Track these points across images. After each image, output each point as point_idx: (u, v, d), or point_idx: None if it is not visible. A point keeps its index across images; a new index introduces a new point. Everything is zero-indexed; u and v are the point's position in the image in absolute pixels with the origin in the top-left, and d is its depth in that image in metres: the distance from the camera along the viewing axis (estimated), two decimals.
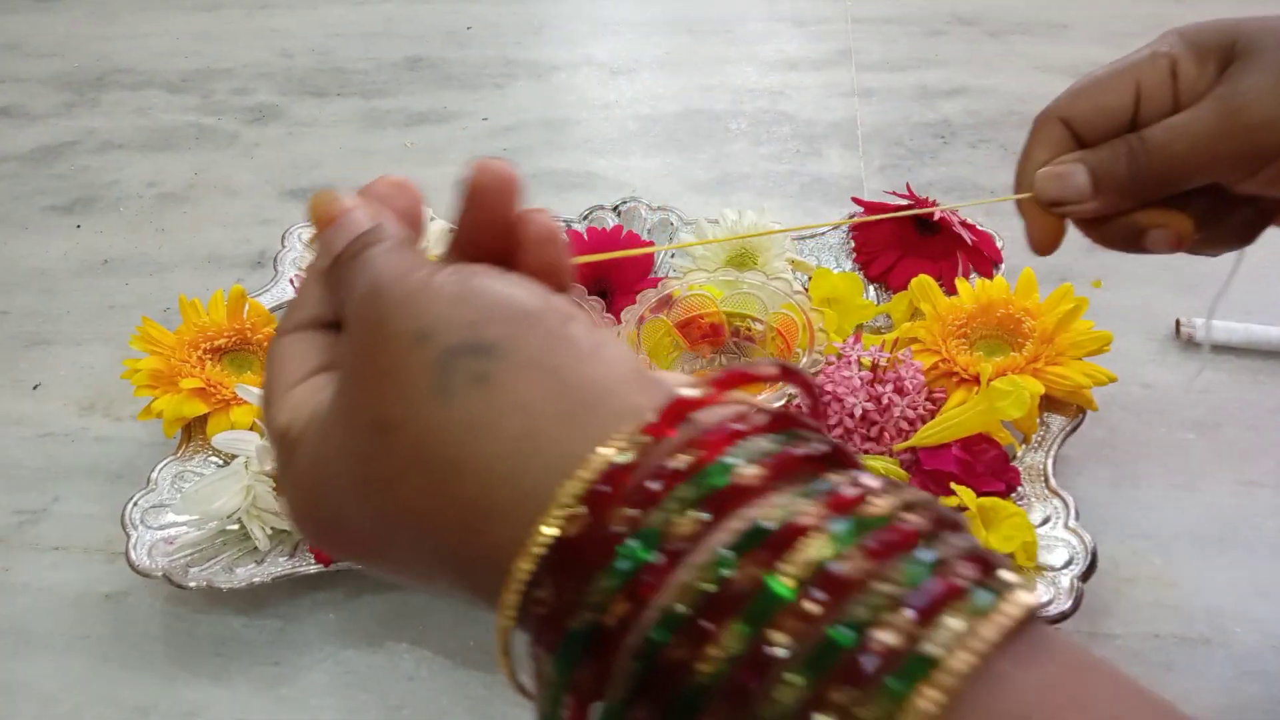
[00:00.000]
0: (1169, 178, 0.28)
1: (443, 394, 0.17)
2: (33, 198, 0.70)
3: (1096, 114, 0.29)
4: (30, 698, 0.41)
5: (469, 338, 0.18)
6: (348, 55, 0.84)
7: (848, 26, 0.84)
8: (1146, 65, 0.29)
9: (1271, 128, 0.26)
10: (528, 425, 0.17)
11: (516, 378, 0.17)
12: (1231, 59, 0.28)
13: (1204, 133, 0.27)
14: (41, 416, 0.53)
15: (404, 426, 0.17)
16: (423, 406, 0.17)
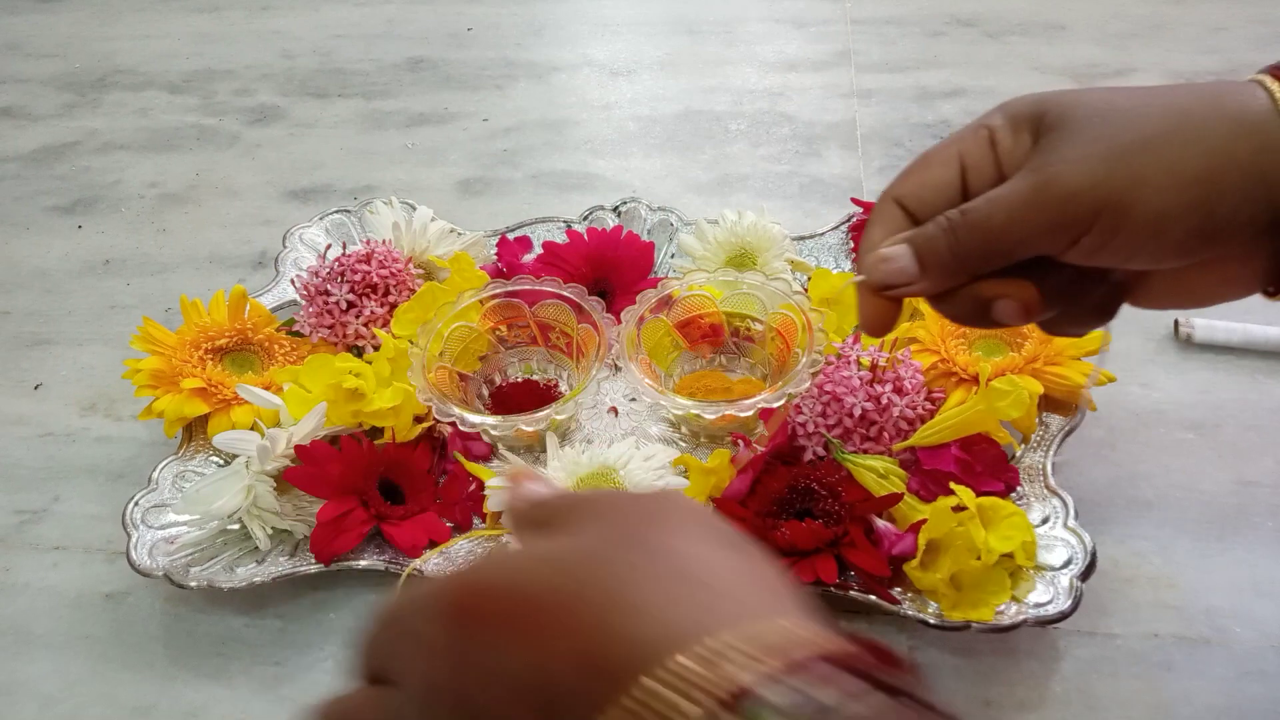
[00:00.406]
0: (991, 251, 0.28)
1: None
2: (34, 198, 0.70)
3: (925, 190, 0.29)
4: (31, 697, 0.41)
5: None
6: (349, 56, 0.84)
7: (847, 28, 0.84)
8: (969, 139, 0.29)
9: (1080, 197, 0.26)
10: None
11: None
12: (1043, 130, 0.28)
13: (1018, 203, 0.27)
14: (42, 416, 0.53)
15: None
16: None
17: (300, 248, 0.59)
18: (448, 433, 0.47)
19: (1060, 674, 0.39)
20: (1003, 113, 0.29)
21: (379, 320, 0.51)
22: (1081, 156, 0.26)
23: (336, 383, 0.45)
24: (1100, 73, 0.76)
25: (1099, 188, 0.26)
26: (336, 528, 0.42)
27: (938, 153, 0.30)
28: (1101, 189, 0.26)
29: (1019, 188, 0.27)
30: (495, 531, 0.44)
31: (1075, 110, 0.27)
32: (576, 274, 0.54)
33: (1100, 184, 0.26)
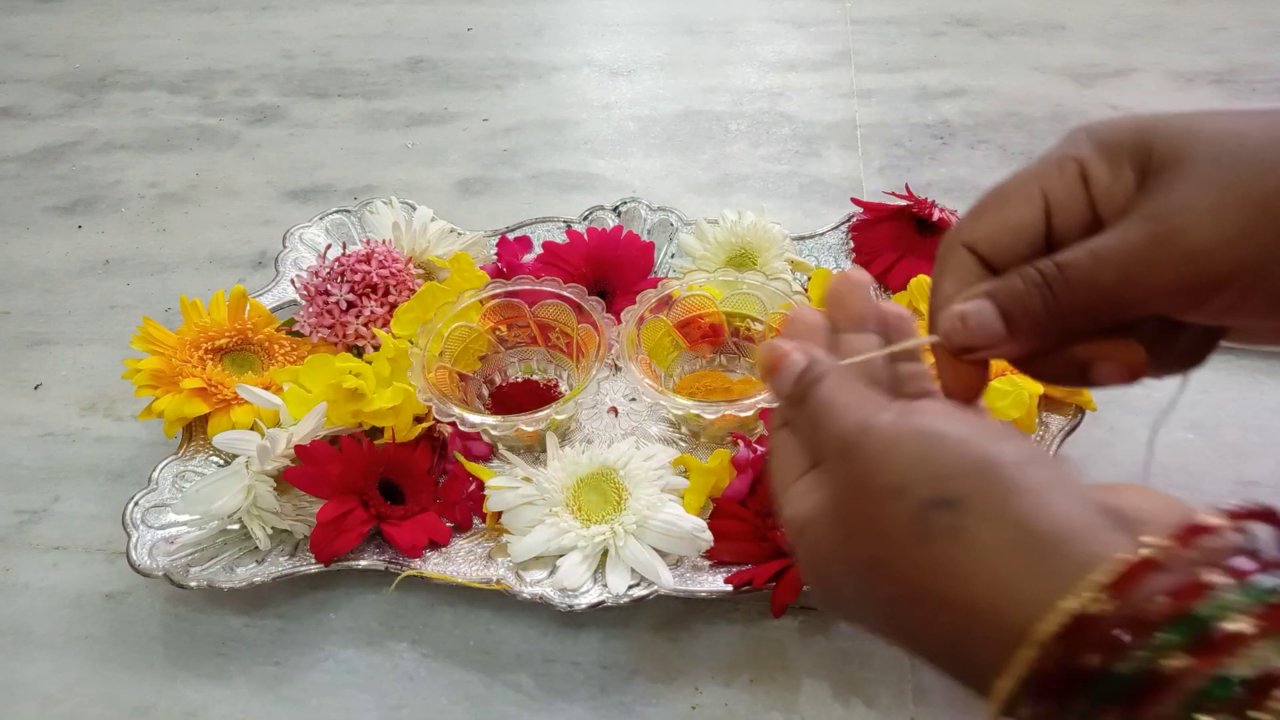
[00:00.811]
0: (1096, 314, 0.23)
1: (923, 542, 0.21)
2: (34, 198, 0.70)
3: (1003, 234, 0.24)
4: (30, 697, 0.41)
5: (939, 493, 0.21)
6: (349, 56, 0.84)
7: (847, 28, 0.84)
8: (1054, 172, 0.24)
9: (1213, 255, 0.22)
10: (1000, 572, 0.20)
11: (984, 529, 0.20)
12: (1152, 166, 0.23)
13: (1133, 260, 0.22)
14: (42, 416, 0.53)
15: (894, 564, 0.22)
16: (908, 550, 0.21)
17: (300, 248, 0.59)
18: (448, 433, 0.47)
19: None
20: (1094, 141, 0.24)
21: (379, 320, 0.51)
22: (1212, 205, 0.22)
23: (336, 383, 0.45)
24: (1100, 73, 0.76)
25: (1236, 244, 0.21)
26: (336, 528, 0.42)
27: (1016, 188, 0.25)
28: (1239, 246, 0.21)
29: (1132, 240, 0.22)
30: (498, 530, 0.44)
31: (1193, 144, 0.22)
32: (576, 274, 0.54)
33: (1238, 240, 0.21)
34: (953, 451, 0.22)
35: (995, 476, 0.21)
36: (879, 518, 0.22)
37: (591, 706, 0.39)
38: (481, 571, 0.42)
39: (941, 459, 0.22)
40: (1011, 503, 0.20)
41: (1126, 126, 0.24)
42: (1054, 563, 0.19)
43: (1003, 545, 0.20)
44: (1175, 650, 0.17)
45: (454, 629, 0.42)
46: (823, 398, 0.25)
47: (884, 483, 0.22)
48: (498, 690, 0.40)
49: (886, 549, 0.22)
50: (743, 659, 0.40)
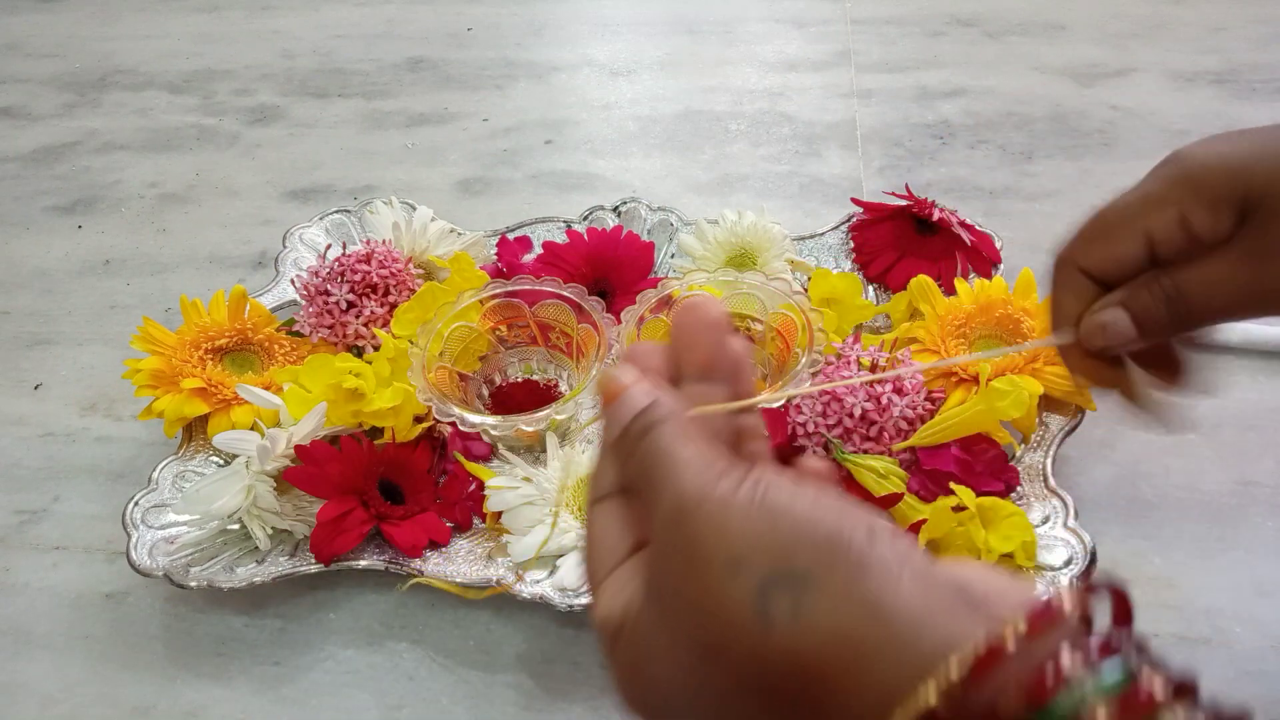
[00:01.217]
0: (1207, 320, 0.29)
1: (763, 624, 0.19)
2: (34, 198, 0.70)
3: (1112, 265, 0.29)
4: (30, 697, 0.41)
5: (782, 568, 0.19)
6: (349, 56, 0.84)
7: (847, 28, 0.84)
8: (1156, 217, 0.28)
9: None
10: (848, 658, 0.18)
11: (832, 609, 0.18)
12: (1252, 212, 0.27)
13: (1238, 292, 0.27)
14: (42, 416, 0.53)
15: (731, 651, 0.19)
16: (745, 634, 0.19)
17: (300, 248, 0.59)
18: (448, 433, 0.47)
19: None
20: (1193, 189, 0.28)
21: (379, 320, 0.51)
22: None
23: (336, 383, 0.45)
24: (1100, 73, 0.76)
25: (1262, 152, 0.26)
26: (336, 528, 0.42)
27: (1119, 224, 0.29)
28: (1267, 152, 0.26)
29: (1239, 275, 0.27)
30: (498, 530, 0.44)
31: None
32: (576, 274, 0.54)
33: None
34: (798, 524, 0.20)
35: (843, 551, 0.19)
36: (713, 596, 0.19)
37: (591, 706, 0.39)
38: (482, 571, 0.42)
39: (785, 532, 0.19)
40: (860, 581, 0.19)
41: (1221, 172, 0.27)
42: (907, 648, 0.18)
43: (851, 628, 0.18)
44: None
45: (454, 629, 0.42)
46: (660, 446, 0.22)
47: (720, 555, 0.20)
48: (498, 690, 0.40)
49: (721, 633, 0.19)
50: None
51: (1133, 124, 0.70)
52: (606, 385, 0.24)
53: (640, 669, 0.22)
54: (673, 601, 0.21)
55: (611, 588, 0.23)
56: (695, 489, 0.21)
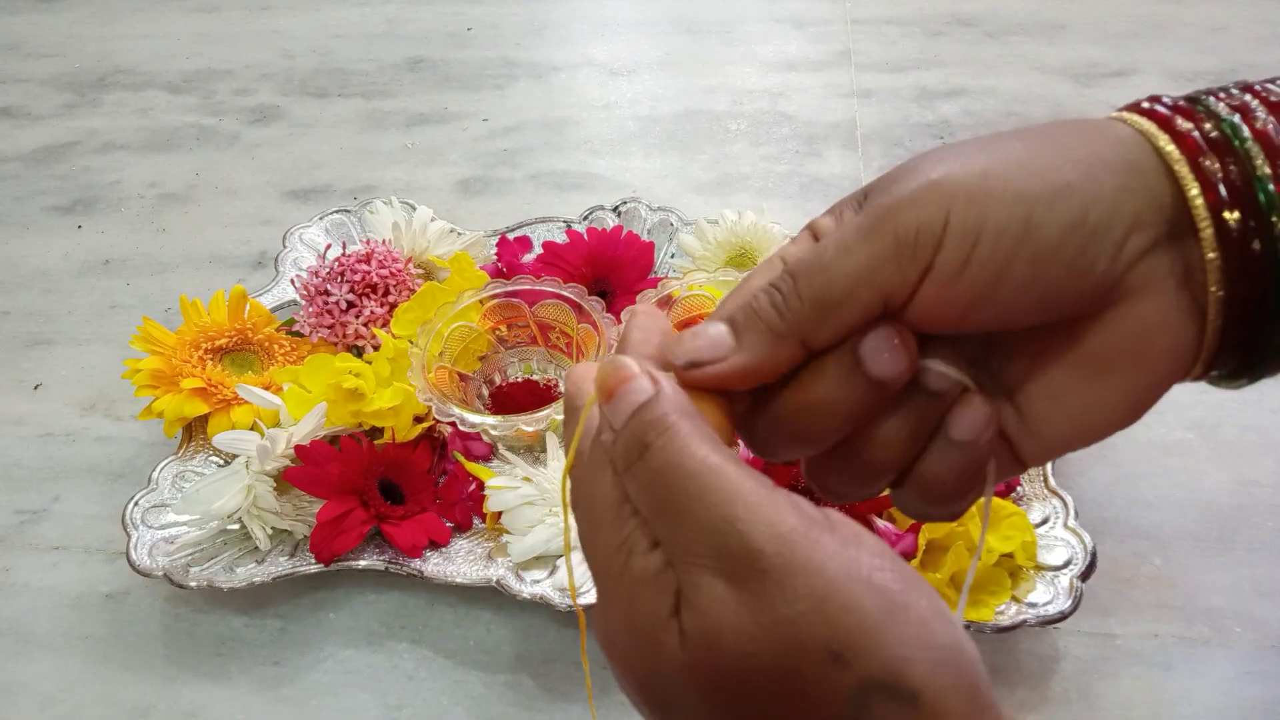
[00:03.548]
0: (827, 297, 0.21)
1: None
2: (34, 198, 0.70)
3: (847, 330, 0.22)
4: (30, 697, 0.41)
5: (892, 675, 0.16)
6: (349, 56, 0.84)
7: (847, 28, 0.84)
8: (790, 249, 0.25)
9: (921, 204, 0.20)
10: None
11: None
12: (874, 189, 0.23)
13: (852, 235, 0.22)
14: (42, 416, 0.53)
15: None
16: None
17: (300, 248, 0.59)
18: (448, 433, 0.47)
19: (1060, 674, 0.39)
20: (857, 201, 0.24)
21: (379, 320, 0.51)
22: (924, 177, 0.20)
23: (336, 383, 0.45)
24: (1100, 72, 0.76)
25: (945, 198, 0.20)
26: (336, 528, 0.42)
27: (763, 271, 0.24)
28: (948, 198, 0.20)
29: (853, 221, 0.22)
30: (498, 530, 0.44)
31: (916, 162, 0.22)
32: (576, 274, 0.54)
33: (946, 195, 0.20)
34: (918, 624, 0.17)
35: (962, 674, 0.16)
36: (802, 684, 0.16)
37: None
38: (482, 572, 0.42)
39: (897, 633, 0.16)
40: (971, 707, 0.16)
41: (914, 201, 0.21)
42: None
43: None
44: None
45: (454, 629, 0.42)
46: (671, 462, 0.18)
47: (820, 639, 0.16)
48: (498, 690, 0.40)
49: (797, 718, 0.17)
50: None
51: None
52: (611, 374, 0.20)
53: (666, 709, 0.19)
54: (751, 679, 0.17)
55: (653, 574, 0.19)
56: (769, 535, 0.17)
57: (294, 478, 0.43)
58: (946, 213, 0.20)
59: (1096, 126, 0.21)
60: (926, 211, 0.20)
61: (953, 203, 0.20)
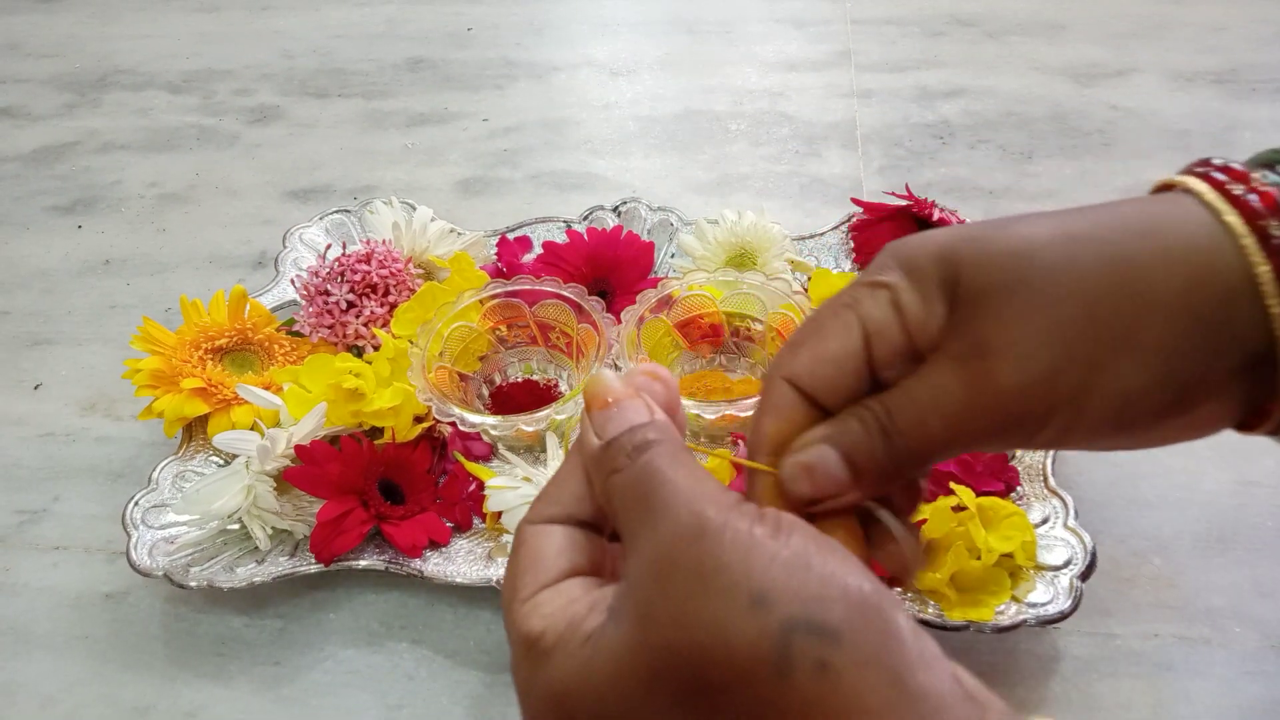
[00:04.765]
0: (930, 458, 0.23)
1: (781, 673, 0.17)
2: (34, 198, 0.70)
3: (823, 366, 0.23)
4: (30, 698, 0.41)
5: (811, 616, 0.17)
6: (349, 56, 0.84)
7: (847, 28, 0.84)
8: (868, 301, 0.23)
9: (1029, 394, 0.21)
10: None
11: (858, 674, 0.17)
12: (959, 296, 0.22)
13: (954, 408, 0.22)
14: (42, 416, 0.53)
15: (732, 692, 0.17)
16: (757, 680, 0.17)
17: (300, 248, 0.59)
18: (448, 433, 0.47)
19: (1060, 674, 0.39)
20: (901, 268, 0.23)
21: (379, 320, 0.51)
22: (1020, 344, 0.21)
23: (336, 383, 0.45)
24: (1100, 73, 0.76)
25: (1049, 382, 0.21)
26: (336, 528, 0.42)
27: (832, 317, 0.24)
28: (1052, 383, 0.21)
29: (950, 388, 0.22)
30: (498, 530, 0.44)
31: (995, 272, 0.22)
32: (576, 274, 0.54)
33: (1050, 378, 0.21)
34: (832, 576, 0.18)
35: (875, 616, 0.17)
36: (725, 628, 0.17)
37: None
38: (482, 572, 0.42)
39: (817, 581, 0.17)
40: (891, 652, 0.17)
41: (931, 252, 0.23)
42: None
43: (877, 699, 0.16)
44: None
45: (454, 629, 0.42)
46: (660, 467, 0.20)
47: (743, 586, 0.17)
48: (498, 690, 0.40)
49: (724, 672, 0.17)
50: None
51: (1133, 124, 0.70)
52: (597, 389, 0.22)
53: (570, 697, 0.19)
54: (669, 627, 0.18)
55: (545, 605, 0.20)
56: (717, 512, 0.19)
57: (294, 478, 0.43)
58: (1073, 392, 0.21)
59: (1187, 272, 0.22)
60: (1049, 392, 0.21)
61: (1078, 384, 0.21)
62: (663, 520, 0.19)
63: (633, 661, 0.18)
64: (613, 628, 0.19)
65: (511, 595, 0.21)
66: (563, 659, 0.19)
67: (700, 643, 0.17)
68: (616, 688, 0.18)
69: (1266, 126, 0.69)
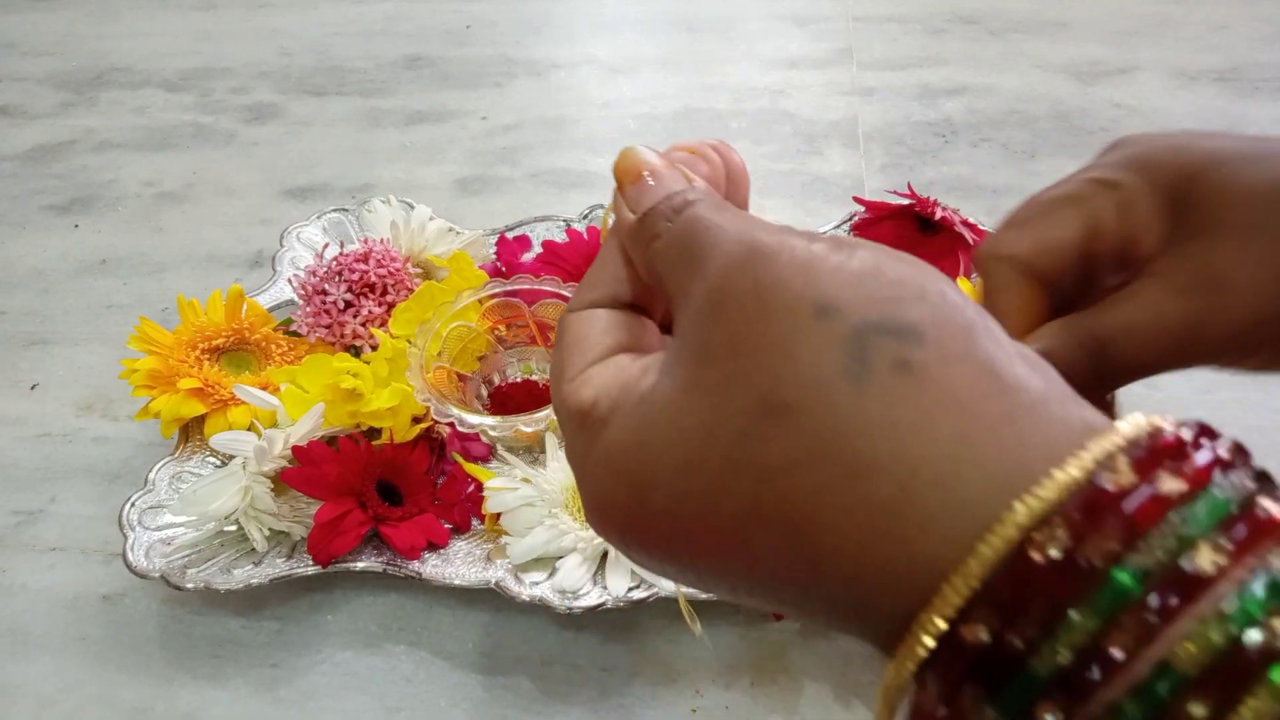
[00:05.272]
0: (1134, 373, 0.23)
1: (857, 379, 0.15)
2: (30, 197, 0.70)
3: (1045, 252, 0.24)
4: (27, 699, 0.41)
5: (888, 316, 0.15)
6: (346, 54, 0.84)
7: (848, 25, 0.84)
8: (1095, 194, 0.24)
9: (1259, 327, 0.21)
10: (963, 426, 0.14)
11: (946, 368, 0.15)
12: (1192, 212, 0.22)
13: (1174, 337, 0.22)
14: (39, 417, 0.53)
15: (803, 410, 0.15)
16: (830, 390, 0.15)
17: (297, 247, 0.58)
18: (446, 433, 0.46)
19: None
20: (1136, 166, 0.24)
21: (377, 320, 0.51)
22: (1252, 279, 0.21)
23: (334, 383, 0.45)
24: (1102, 71, 0.75)
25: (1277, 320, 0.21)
26: (334, 529, 0.42)
27: (1060, 208, 0.24)
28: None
29: (1172, 316, 0.22)
30: (496, 532, 0.44)
31: (1236, 195, 0.21)
32: (576, 273, 0.54)
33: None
34: (904, 277, 0.16)
35: (960, 315, 0.15)
36: (788, 343, 0.15)
37: (591, 709, 0.39)
38: (480, 574, 0.42)
39: (889, 282, 0.16)
40: (980, 346, 0.15)
41: (1171, 167, 0.23)
42: (1035, 422, 0.14)
43: (971, 393, 0.14)
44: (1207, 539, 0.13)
45: (452, 631, 0.42)
46: (706, 215, 0.18)
47: (808, 297, 0.15)
48: (496, 693, 0.40)
49: (795, 388, 0.15)
50: (744, 662, 0.40)
51: (1136, 122, 0.69)
52: (629, 163, 0.20)
53: (633, 455, 0.17)
54: (727, 357, 0.16)
55: (596, 377, 0.18)
56: (771, 234, 0.17)
57: (291, 479, 0.43)
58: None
59: None
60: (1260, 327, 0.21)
61: None
62: (711, 259, 0.17)
63: (691, 404, 0.16)
64: (668, 380, 0.17)
65: (559, 378, 0.19)
66: (620, 420, 0.17)
67: (764, 364, 0.15)
68: (680, 435, 0.16)
69: (1269, 125, 0.68)
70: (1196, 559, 0.13)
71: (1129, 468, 0.14)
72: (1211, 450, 0.14)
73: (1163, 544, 0.13)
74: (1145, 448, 0.14)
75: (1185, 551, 0.13)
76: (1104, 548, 0.13)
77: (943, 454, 0.14)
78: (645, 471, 0.16)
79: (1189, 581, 0.13)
